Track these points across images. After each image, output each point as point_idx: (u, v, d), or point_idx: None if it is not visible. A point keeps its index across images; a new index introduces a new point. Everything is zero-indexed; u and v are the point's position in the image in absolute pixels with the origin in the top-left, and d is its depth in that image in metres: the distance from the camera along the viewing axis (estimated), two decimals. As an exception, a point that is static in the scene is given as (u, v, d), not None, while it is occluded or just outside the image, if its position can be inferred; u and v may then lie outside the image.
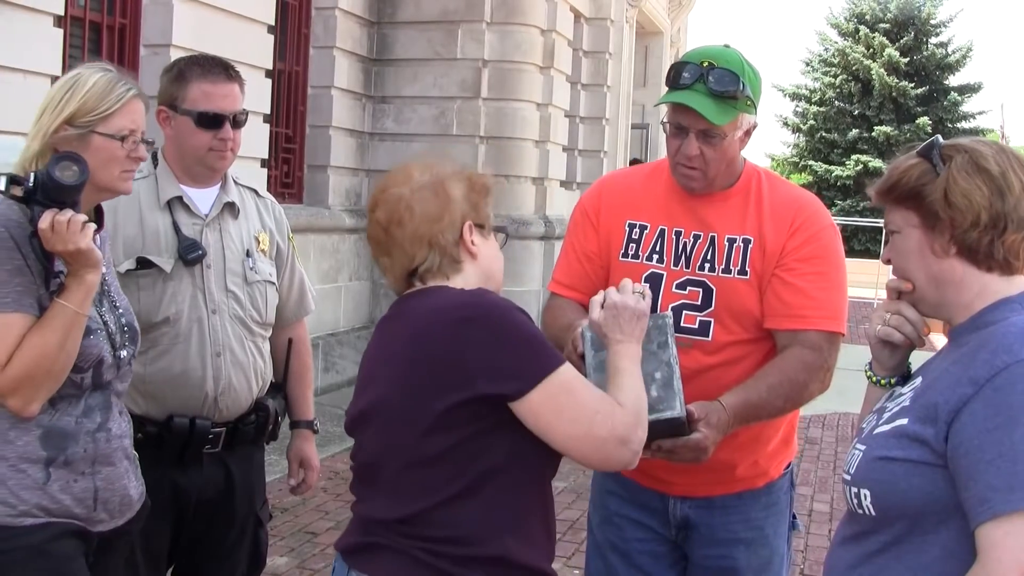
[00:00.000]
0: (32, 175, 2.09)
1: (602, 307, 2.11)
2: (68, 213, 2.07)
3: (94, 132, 2.20)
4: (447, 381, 1.86)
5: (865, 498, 1.72)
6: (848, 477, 1.78)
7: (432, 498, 1.88)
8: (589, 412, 1.88)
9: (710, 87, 2.36)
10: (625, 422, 1.90)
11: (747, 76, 2.40)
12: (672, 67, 2.45)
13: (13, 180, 2.11)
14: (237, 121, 2.78)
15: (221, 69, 2.79)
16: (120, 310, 2.35)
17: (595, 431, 1.88)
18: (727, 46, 2.49)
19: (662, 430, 2.19)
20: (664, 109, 2.49)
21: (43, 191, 2.08)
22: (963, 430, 1.59)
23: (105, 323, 2.26)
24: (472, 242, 2.02)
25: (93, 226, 2.11)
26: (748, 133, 2.49)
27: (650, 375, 2.19)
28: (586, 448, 1.90)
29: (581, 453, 1.91)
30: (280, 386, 3.02)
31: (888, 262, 1.86)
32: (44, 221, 2.05)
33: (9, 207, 2.13)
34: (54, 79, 5.83)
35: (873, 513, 1.71)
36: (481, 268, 2.05)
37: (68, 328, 2.09)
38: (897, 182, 1.78)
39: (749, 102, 2.42)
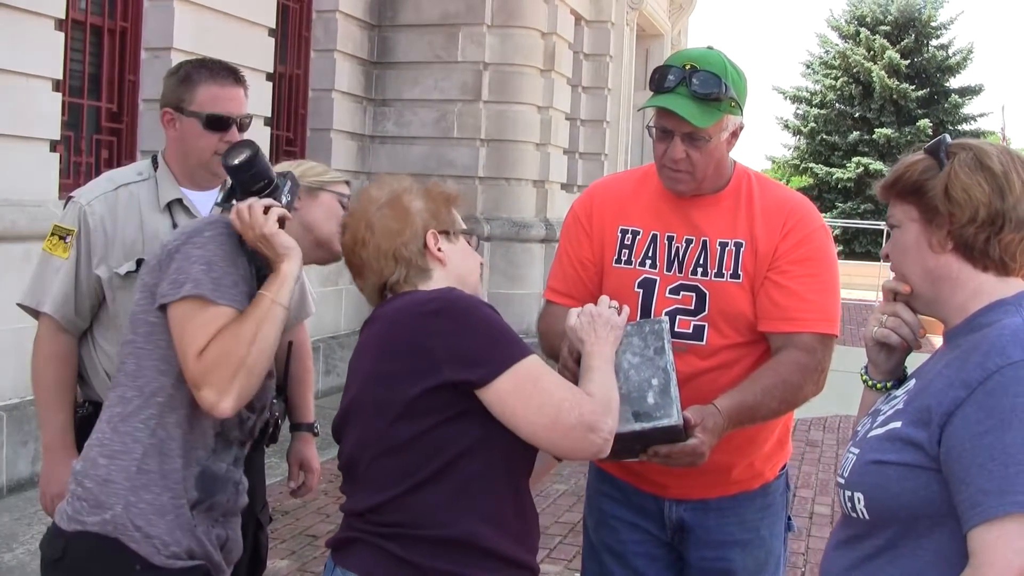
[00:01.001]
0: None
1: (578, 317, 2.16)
2: (250, 200, 2.10)
3: (324, 189, 2.34)
4: (414, 370, 1.90)
5: (859, 502, 1.72)
6: (842, 481, 1.78)
7: (401, 485, 1.91)
8: (556, 400, 1.90)
9: (693, 90, 2.36)
10: (593, 410, 1.91)
11: (730, 77, 2.40)
12: (655, 71, 2.44)
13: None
14: (242, 125, 2.79)
15: (229, 72, 2.80)
16: None
17: (562, 418, 1.89)
18: (710, 47, 2.48)
19: (659, 437, 2.19)
20: (650, 113, 2.49)
21: (233, 183, 2.17)
22: (955, 433, 1.59)
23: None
24: (438, 248, 2.06)
25: (280, 211, 2.11)
26: (735, 134, 2.48)
27: (647, 381, 2.19)
28: (554, 436, 1.90)
29: (549, 441, 1.92)
30: (281, 389, 3.02)
31: (887, 258, 1.87)
32: (231, 212, 2.10)
33: None
34: (55, 83, 5.88)
35: (867, 517, 1.71)
36: (452, 273, 2.08)
37: (262, 316, 2.05)
38: (901, 176, 1.79)
39: (733, 103, 2.42)
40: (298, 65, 9.11)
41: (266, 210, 2.10)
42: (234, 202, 2.13)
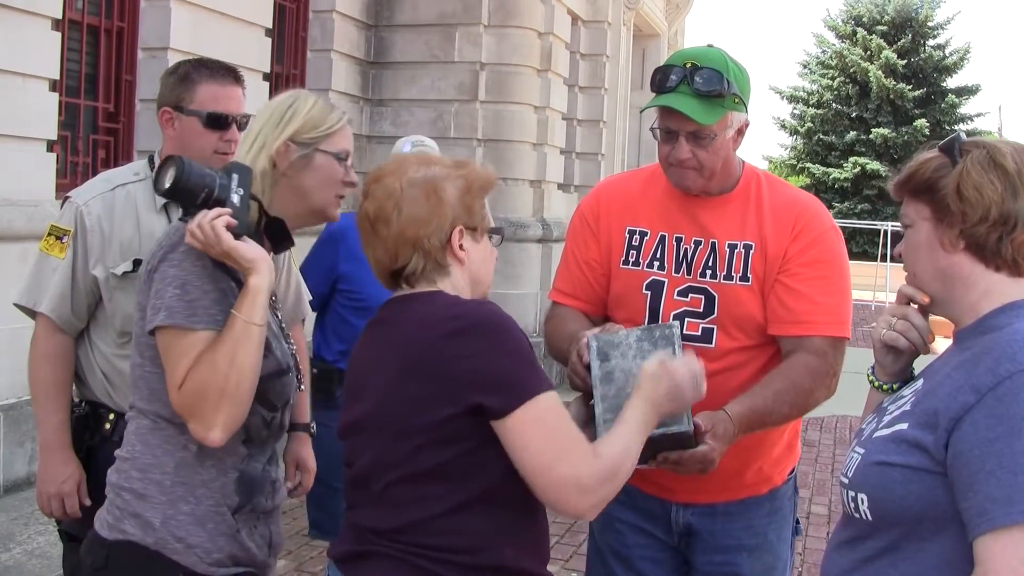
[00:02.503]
0: None
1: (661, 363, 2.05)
2: (198, 217, 1.96)
3: (317, 150, 2.13)
4: (439, 395, 1.82)
5: (862, 503, 1.70)
6: (846, 481, 1.76)
7: (428, 510, 1.85)
8: (558, 447, 1.81)
9: (695, 88, 2.34)
10: (592, 472, 1.82)
11: (732, 73, 2.38)
12: (656, 71, 2.42)
13: None
14: (241, 124, 2.79)
15: (228, 72, 2.81)
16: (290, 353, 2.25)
17: (558, 469, 1.80)
18: (710, 46, 2.47)
19: (669, 443, 2.18)
20: (651, 116, 2.47)
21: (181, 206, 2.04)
22: (964, 439, 1.57)
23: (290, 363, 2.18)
24: (460, 246, 1.95)
25: (224, 220, 1.96)
26: (740, 132, 2.46)
27: None
28: (543, 482, 1.81)
29: (537, 485, 1.82)
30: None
31: (901, 257, 1.84)
32: (187, 236, 1.97)
33: None
34: (52, 83, 5.87)
35: (870, 518, 1.70)
36: (469, 272, 1.99)
37: (236, 340, 1.94)
38: (914, 174, 1.77)
39: (737, 100, 2.40)
40: (295, 65, 9.10)
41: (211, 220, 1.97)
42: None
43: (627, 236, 2.56)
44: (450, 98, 9.80)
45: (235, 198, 2.00)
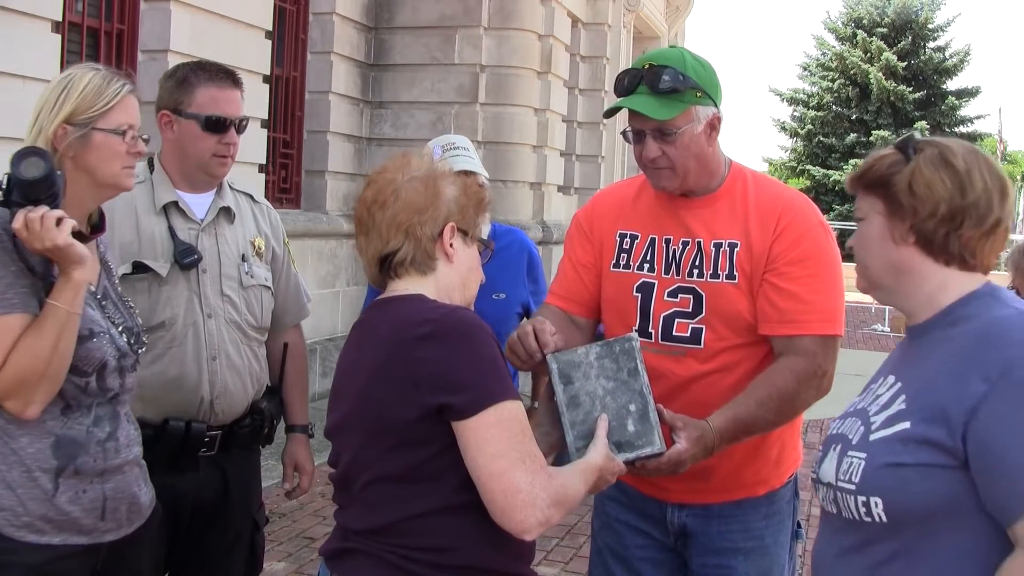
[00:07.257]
0: (6, 177, 2.04)
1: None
2: (41, 209, 2.02)
3: (94, 129, 2.19)
4: (400, 397, 1.84)
5: (876, 506, 1.70)
6: (852, 487, 1.75)
7: (402, 511, 1.87)
8: (516, 455, 1.81)
9: (650, 86, 2.39)
10: (546, 487, 1.82)
11: (690, 68, 2.40)
12: (618, 76, 2.48)
13: None
14: (240, 127, 2.81)
15: (226, 75, 2.82)
16: (123, 315, 2.31)
17: (511, 475, 1.80)
18: (672, 46, 2.52)
19: (643, 459, 2.19)
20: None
21: (17, 191, 2.03)
22: (985, 430, 1.59)
23: (109, 327, 2.23)
24: (451, 244, 1.99)
25: (71, 222, 2.04)
26: (712, 126, 2.46)
27: (624, 408, 2.16)
28: (494, 487, 1.80)
29: (488, 490, 1.81)
30: (276, 390, 3.02)
31: (851, 250, 1.89)
32: (17, 221, 2.01)
33: (3, 212, 2.10)
34: (52, 85, 5.88)
35: (885, 520, 1.70)
36: (457, 273, 2.02)
37: (60, 328, 2.05)
38: (869, 169, 1.84)
39: (699, 94, 2.41)
40: (295, 67, 9.11)
41: (58, 221, 2.02)
42: (14, 208, 2.03)
43: (618, 240, 2.59)
44: (450, 100, 9.82)
45: (60, 202, 2.07)
